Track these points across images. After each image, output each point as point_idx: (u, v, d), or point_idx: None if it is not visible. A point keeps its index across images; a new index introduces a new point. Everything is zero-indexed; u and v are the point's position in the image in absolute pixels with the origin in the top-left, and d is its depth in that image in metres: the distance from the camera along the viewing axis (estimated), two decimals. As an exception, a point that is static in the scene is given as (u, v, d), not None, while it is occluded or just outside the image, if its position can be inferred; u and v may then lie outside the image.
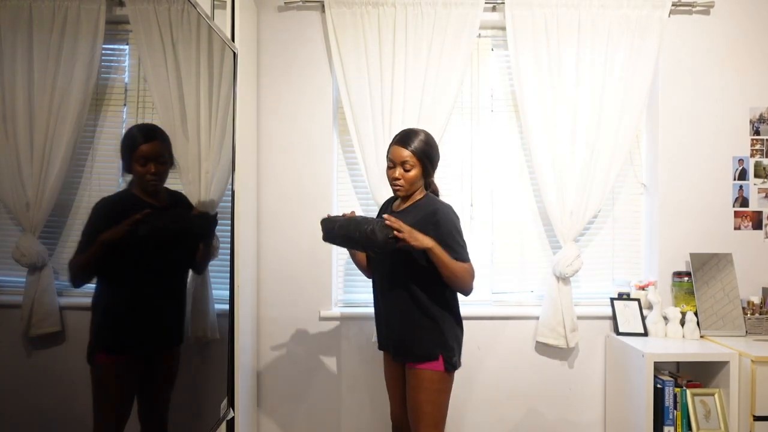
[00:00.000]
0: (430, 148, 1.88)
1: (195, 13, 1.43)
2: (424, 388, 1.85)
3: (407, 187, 1.87)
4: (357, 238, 1.74)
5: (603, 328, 2.56)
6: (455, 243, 1.80)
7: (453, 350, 1.88)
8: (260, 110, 2.55)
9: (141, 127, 1.20)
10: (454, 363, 1.87)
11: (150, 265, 1.25)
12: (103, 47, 1.01)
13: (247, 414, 2.32)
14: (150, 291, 1.26)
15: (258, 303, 2.54)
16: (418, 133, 1.90)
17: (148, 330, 1.25)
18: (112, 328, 1.09)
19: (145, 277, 1.23)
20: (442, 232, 1.79)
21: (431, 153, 1.89)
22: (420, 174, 1.87)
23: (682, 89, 2.57)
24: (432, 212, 1.83)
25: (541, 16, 2.46)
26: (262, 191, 2.55)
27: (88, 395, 1.00)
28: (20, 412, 0.82)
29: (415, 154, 1.84)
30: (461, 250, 1.82)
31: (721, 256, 2.49)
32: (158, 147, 1.25)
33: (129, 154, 1.14)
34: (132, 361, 1.19)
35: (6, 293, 0.80)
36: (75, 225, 0.93)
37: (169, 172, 1.29)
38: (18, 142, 0.81)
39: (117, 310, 1.11)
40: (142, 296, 1.21)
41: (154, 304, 1.28)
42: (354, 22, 2.44)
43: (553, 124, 2.46)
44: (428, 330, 1.85)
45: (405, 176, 1.85)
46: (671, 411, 2.20)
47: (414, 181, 1.86)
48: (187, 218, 1.45)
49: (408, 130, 1.92)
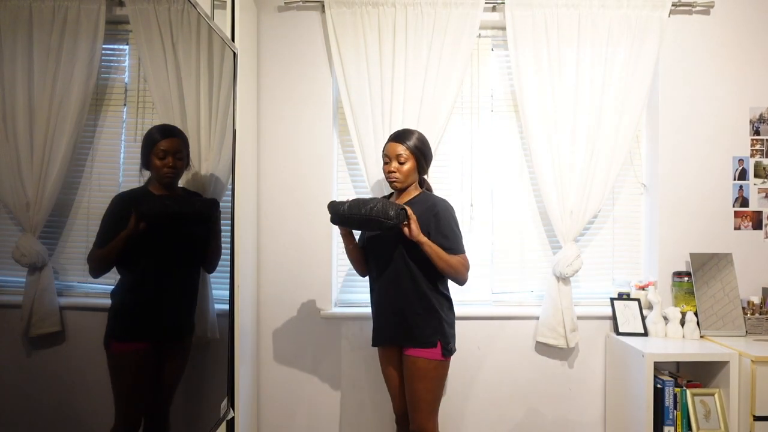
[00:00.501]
0: (422, 144, 2.04)
1: (195, 13, 1.43)
2: (422, 377, 1.94)
3: (402, 179, 2.01)
4: (367, 214, 1.83)
5: (603, 328, 2.56)
6: (453, 234, 1.95)
7: (449, 336, 1.98)
8: (260, 110, 2.55)
9: (162, 126, 1.27)
10: (450, 348, 1.98)
11: (165, 254, 1.31)
12: (103, 47, 1.01)
13: (247, 414, 2.32)
14: (167, 280, 1.34)
15: (258, 303, 2.54)
16: (411, 131, 2.06)
17: (166, 319, 1.32)
18: (130, 317, 1.15)
19: (162, 267, 1.30)
20: (442, 224, 1.93)
21: (424, 149, 2.04)
22: (414, 168, 2.01)
23: (682, 89, 2.57)
24: (431, 206, 1.97)
25: (541, 16, 2.46)
26: (262, 191, 2.55)
27: (88, 395, 1.00)
28: (20, 412, 0.82)
29: (409, 148, 2.00)
30: (458, 241, 1.96)
31: (721, 256, 2.49)
32: (177, 143, 1.33)
33: (149, 149, 1.20)
34: (149, 350, 1.25)
35: (6, 293, 0.80)
36: (75, 225, 0.93)
37: (184, 170, 1.36)
38: (18, 142, 0.81)
39: (137, 299, 1.17)
40: (160, 285, 1.29)
41: (171, 293, 1.35)
42: (354, 22, 2.44)
43: (553, 124, 2.46)
44: (428, 316, 1.96)
45: (400, 169, 2.00)
46: (671, 411, 2.20)
47: (409, 174, 2.01)
48: (197, 204, 1.52)
49: (401, 129, 2.08)
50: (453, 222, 1.96)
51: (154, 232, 1.21)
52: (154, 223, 1.20)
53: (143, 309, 1.21)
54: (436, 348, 1.93)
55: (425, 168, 2.07)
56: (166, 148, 1.26)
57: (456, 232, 1.96)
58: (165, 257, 1.30)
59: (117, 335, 1.07)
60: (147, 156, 1.19)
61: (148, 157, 1.20)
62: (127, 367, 1.13)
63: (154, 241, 1.21)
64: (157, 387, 1.28)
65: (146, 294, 1.22)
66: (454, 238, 1.94)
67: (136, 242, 1.13)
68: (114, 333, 1.05)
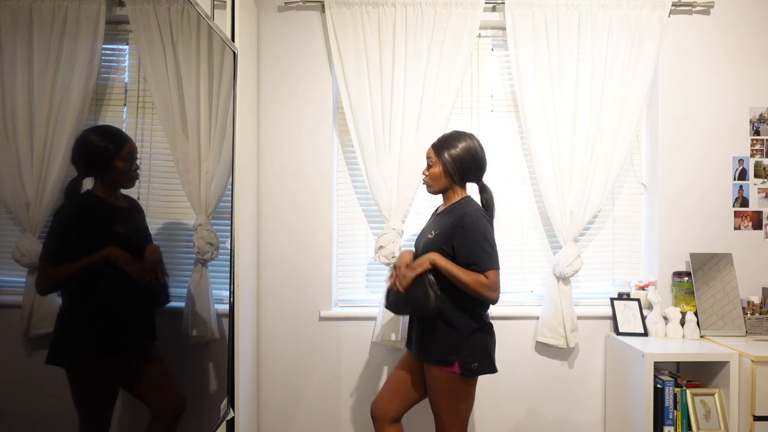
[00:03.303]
0: (453, 147, 1.91)
1: (195, 13, 1.43)
2: (438, 387, 1.87)
3: (430, 182, 1.96)
4: (408, 306, 1.88)
5: (603, 328, 2.56)
6: (478, 248, 1.81)
7: (472, 356, 1.84)
8: (260, 110, 2.55)
9: (112, 129, 1.14)
10: (473, 369, 1.83)
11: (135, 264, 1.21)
12: (103, 47, 1.01)
13: (247, 414, 2.32)
14: (130, 288, 1.22)
15: (258, 303, 2.54)
16: (450, 134, 1.96)
17: (130, 329, 1.22)
18: (97, 331, 1.06)
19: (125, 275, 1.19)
20: (466, 237, 1.82)
21: (456, 152, 1.90)
22: (442, 172, 1.92)
23: (682, 89, 2.57)
24: (461, 216, 1.85)
25: (541, 16, 2.46)
26: (262, 191, 2.55)
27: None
28: (20, 412, 0.82)
29: (435, 150, 1.94)
30: (485, 257, 1.80)
31: (721, 256, 2.49)
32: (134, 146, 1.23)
33: (114, 153, 1.10)
34: (114, 362, 1.17)
35: (6, 293, 0.80)
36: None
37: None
38: (18, 142, 0.81)
39: (103, 311, 1.08)
40: (124, 294, 1.18)
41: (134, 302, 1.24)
42: (354, 22, 2.44)
43: (553, 124, 2.46)
44: (445, 335, 1.86)
45: (428, 172, 1.96)
46: (671, 411, 2.20)
47: (436, 177, 1.94)
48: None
49: (447, 133, 1.98)
50: (480, 235, 1.81)
51: (125, 241, 1.13)
52: (126, 234, 1.12)
53: (109, 321, 1.11)
54: (453, 366, 1.83)
55: (455, 173, 1.91)
56: (133, 151, 1.15)
57: (482, 246, 1.80)
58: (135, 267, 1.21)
59: (82, 350, 1.00)
60: (106, 159, 1.08)
61: (107, 160, 1.08)
62: (99, 382, 1.07)
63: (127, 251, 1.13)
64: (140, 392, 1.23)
65: (113, 304, 1.12)
66: (479, 252, 1.79)
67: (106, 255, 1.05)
68: (78, 348, 0.98)
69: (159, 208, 1.29)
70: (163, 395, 1.37)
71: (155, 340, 1.31)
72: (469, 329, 1.86)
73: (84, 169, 0.98)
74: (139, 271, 1.21)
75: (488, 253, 1.81)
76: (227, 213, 1.86)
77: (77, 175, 0.96)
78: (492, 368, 1.90)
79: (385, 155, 2.42)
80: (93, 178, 1.03)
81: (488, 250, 1.81)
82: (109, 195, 1.11)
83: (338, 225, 2.64)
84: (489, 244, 1.82)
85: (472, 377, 1.86)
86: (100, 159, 1.06)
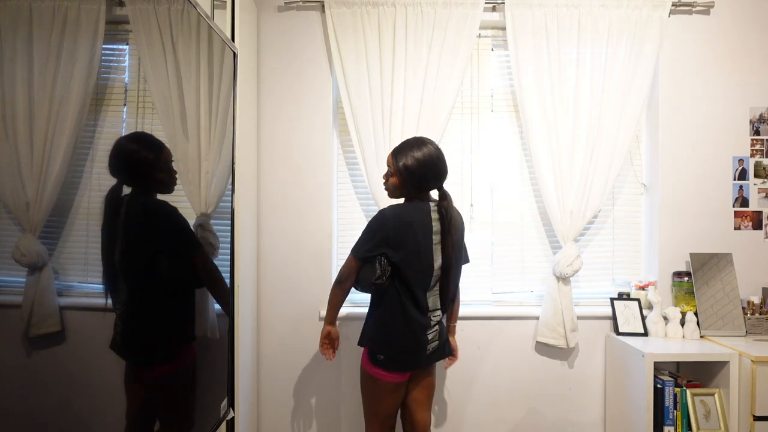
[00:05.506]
0: (408, 158, 1.87)
1: (195, 13, 1.43)
2: (360, 375, 2.01)
3: (388, 191, 1.98)
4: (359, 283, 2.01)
5: (603, 328, 2.56)
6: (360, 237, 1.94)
7: (378, 345, 1.91)
8: (260, 110, 2.55)
9: (148, 135, 1.20)
10: (377, 358, 1.90)
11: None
12: (103, 47, 1.01)
13: (247, 414, 2.32)
14: (178, 291, 1.35)
15: (258, 303, 2.54)
16: (408, 142, 1.93)
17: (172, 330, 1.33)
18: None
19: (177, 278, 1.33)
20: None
21: (410, 163, 1.86)
22: (398, 183, 1.91)
23: (681, 89, 2.57)
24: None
25: (541, 16, 2.46)
26: (262, 191, 2.55)
27: (87, 395, 1.00)
28: (20, 412, 0.82)
29: (394, 158, 1.91)
30: (356, 243, 1.93)
31: (721, 256, 2.49)
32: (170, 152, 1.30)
33: (153, 160, 1.17)
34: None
35: (6, 293, 0.80)
36: (75, 225, 0.93)
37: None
38: (18, 142, 0.81)
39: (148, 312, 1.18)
40: (172, 298, 1.30)
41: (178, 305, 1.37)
42: (354, 22, 2.44)
43: (553, 124, 2.46)
44: (371, 317, 1.99)
45: (386, 181, 1.98)
46: (671, 411, 2.20)
47: (394, 188, 1.94)
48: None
49: (407, 140, 1.95)
50: (367, 225, 1.92)
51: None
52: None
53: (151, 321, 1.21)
54: (365, 349, 1.97)
55: (408, 183, 1.88)
56: (168, 160, 1.23)
57: (362, 234, 1.92)
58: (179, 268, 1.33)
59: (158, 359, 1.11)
60: (153, 166, 1.17)
61: (154, 169, 1.17)
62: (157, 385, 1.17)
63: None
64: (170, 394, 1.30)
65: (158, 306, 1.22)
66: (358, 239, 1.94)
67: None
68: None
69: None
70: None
71: (194, 339, 1.44)
72: (379, 318, 1.93)
73: (137, 178, 1.10)
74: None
75: (360, 240, 1.91)
76: (227, 213, 1.86)
77: (133, 185, 1.08)
78: (388, 366, 1.89)
79: (385, 155, 2.42)
80: (143, 185, 1.14)
81: (361, 238, 1.91)
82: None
83: (338, 225, 2.64)
84: (367, 235, 1.90)
85: (375, 366, 1.90)
86: (147, 167, 1.16)
